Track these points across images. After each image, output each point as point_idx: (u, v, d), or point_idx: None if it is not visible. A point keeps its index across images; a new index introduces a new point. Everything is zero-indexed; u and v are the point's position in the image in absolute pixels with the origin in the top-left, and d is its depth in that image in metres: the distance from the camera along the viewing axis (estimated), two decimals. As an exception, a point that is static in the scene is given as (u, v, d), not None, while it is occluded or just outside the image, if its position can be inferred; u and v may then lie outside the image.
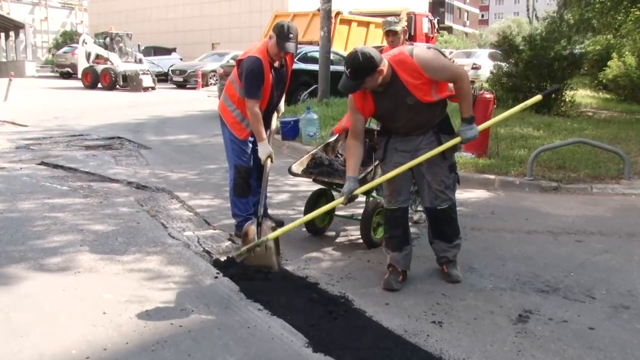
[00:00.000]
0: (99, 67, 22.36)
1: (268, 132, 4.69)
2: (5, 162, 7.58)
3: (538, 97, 3.97)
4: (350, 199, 3.70)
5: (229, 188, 4.84)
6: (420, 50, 3.63)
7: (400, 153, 3.77)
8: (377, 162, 4.41)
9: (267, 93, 4.54)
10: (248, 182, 4.73)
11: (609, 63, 16.34)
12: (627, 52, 16.41)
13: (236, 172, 4.70)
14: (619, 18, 14.14)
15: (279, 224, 5.00)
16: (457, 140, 3.71)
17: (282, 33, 4.37)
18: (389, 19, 5.02)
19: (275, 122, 4.92)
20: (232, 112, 4.66)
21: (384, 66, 3.47)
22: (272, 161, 4.50)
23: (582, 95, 15.73)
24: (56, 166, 7.37)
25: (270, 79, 4.51)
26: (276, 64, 4.55)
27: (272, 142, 4.78)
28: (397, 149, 3.79)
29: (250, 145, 4.68)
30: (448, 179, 3.84)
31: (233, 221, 5.04)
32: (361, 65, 3.39)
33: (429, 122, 3.71)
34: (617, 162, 7.19)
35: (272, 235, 3.91)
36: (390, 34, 4.93)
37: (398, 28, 4.90)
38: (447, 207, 3.88)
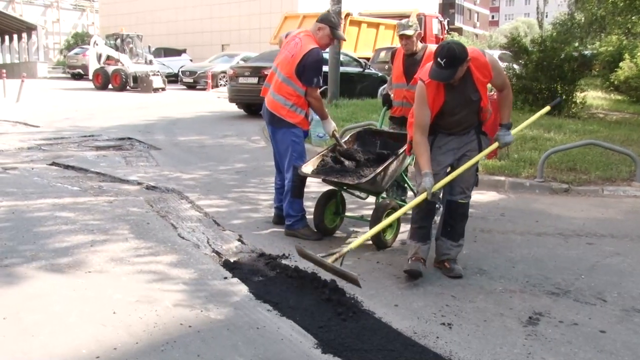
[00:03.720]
0: (110, 69, 22.50)
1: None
2: (17, 162, 7.64)
3: (547, 108, 4.41)
4: (433, 194, 3.87)
5: (286, 190, 4.86)
6: (489, 54, 3.91)
7: (444, 151, 3.95)
8: (386, 164, 4.41)
9: None
10: (304, 183, 4.84)
11: (620, 64, 16.21)
12: (639, 53, 16.27)
13: (295, 173, 4.75)
14: (633, 18, 14.02)
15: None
16: (495, 145, 4.02)
17: (334, 23, 4.69)
18: (403, 21, 5.01)
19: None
20: (295, 111, 4.74)
21: (470, 58, 3.68)
22: (336, 134, 4.90)
23: (593, 96, 15.61)
24: (67, 167, 7.42)
25: None
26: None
27: None
28: (441, 148, 3.95)
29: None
30: (472, 177, 4.11)
31: (242, 222, 5.07)
32: (457, 54, 3.58)
33: (473, 123, 3.95)
34: (629, 164, 7.14)
35: (355, 243, 3.81)
36: (404, 38, 4.92)
37: (411, 32, 4.89)
38: (466, 202, 4.13)
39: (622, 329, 3.28)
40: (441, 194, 4.30)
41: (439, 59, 3.60)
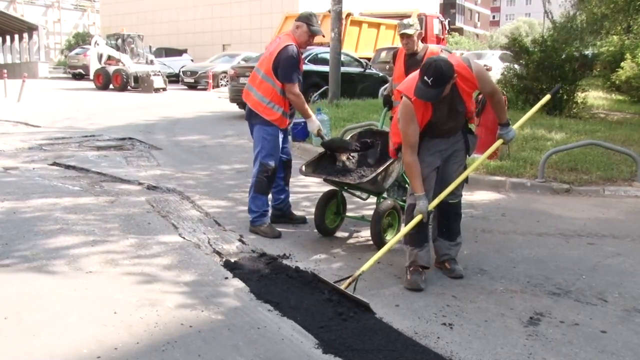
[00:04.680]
0: (111, 69, 22.52)
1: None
2: (18, 162, 7.64)
3: (547, 97, 4.46)
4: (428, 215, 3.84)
5: (250, 185, 4.93)
6: (476, 63, 3.86)
7: (433, 153, 3.90)
8: (387, 164, 4.41)
9: None
10: (270, 181, 4.87)
11: (621, 64, 16.18)
12: (640, 53, 16.24)
13: (261, 169, 4.82)
14: (635, 17, 13.98)
15: (301, 220, 5.10)
16: (500, 142, 4.12)
17: (312, 20, 4.73)
18: (404, 21, 5.02)
19: None
20: (272, 108, 4.77)
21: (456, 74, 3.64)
22: (321, 133, 4.85)
23: (594, 96, 15.60)
24: (68, 166, 7.42)
25: (302, 66, 4.80)
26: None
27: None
28: (429, 150, 3.89)
29: (281, 140, 4.89)
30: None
31: (243, 222, 5.07)
32: (444, 73, 3.52)
33: (460, 126, 3.95)
34: (630, 164, 7.13)
35: (367, 265, 3.70)
36: (405, 37, 4.93)
37: (411, 31, 4.90)
38: (457, 202, 4.10)
39: (623, 329, 3.28)
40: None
41: (425, 78, 3.52)
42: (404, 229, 3.93)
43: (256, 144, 4.89)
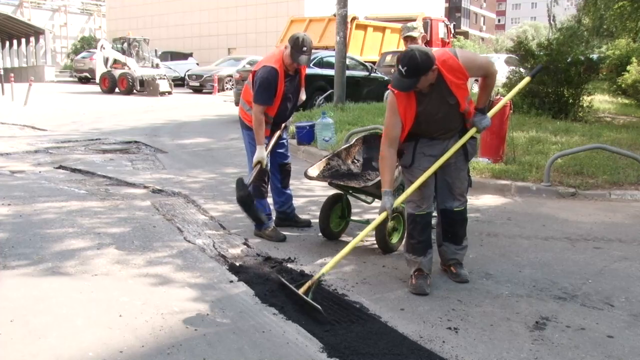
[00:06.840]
0: (117, 72, 22.63)
1: (272, 141, 4.84)
2: (24, 165, 7.68)
3: (527, 79, 4.33)
4: (393, 212, 3.73)
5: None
6: (462, 51, 3.75)
7: (428, 157, 3.80)
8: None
9: (277, 102, 4.71)
10: (265, 184, 4.88)
11: (628, 68, 16.14)
12: (647, 57, 16.18)
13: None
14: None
15: (306, 223, 5.09)
16: (473, 130, 3.84)
17: (297, 45, 4.57)
18: (408, 24, 5.05)
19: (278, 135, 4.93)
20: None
21: (436, 66, 3.50)
22: (262, 167, 4.68)
23: (600, 100, 15.55)
24: (74, 170, 7.45)
25: (283, 89, 4.69)
26: (290, 73, 4.75)
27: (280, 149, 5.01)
28: (424, 154, 3.81)
29: (275, 145, 4.88)
30: (465, 181, 4.00)
31: (248, 225, 5.07)
32: (419, 63, 3.39)
33: (456, 127, 3.82)
34: (636, 168, 7.10)
35: (326, 268, 3.64)
36: (409, 40, 4.96)
37: (416, 34, 4.93)
38: (463, 208, 4.00)
39: (630, 334, 3.26)
40: (435, 204, 4.13)
41: (400, 67, 3.41)
42: (367, 228, 3.81)
43: (246, 150, 4.97)
